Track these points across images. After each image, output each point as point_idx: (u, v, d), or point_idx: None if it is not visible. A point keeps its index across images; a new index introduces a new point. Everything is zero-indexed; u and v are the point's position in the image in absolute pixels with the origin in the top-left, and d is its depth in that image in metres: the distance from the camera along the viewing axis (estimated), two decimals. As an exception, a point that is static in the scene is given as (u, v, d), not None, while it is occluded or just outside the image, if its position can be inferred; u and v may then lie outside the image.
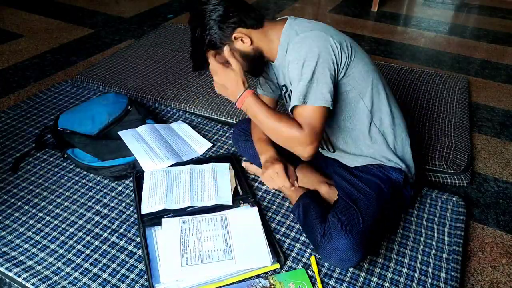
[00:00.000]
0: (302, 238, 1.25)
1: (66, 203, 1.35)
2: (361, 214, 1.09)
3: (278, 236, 1.25)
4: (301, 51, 1.02)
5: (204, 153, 1.59)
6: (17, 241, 1.21)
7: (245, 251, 1.16)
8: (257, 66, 1.17)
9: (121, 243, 1.22)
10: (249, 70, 1.16)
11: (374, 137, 1.17)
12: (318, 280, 1.12)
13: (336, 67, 1.03)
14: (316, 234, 1.12)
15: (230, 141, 1.66)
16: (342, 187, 1.20)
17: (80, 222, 1.29)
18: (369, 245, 1.10)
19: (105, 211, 1.33)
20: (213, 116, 1.82)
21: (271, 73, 1.25)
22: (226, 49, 1.07)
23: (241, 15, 1.07)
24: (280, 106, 1.60)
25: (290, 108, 1.06)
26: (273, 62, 1.16)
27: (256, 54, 1.12)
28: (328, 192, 1.31)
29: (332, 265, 1.15)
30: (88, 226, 1.27)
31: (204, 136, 1.69)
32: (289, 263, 1.17)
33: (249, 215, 1.28)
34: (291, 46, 1.07)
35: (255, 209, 1.29)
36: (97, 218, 1.30)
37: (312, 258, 1.18)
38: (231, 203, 1.32)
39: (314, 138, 1.02)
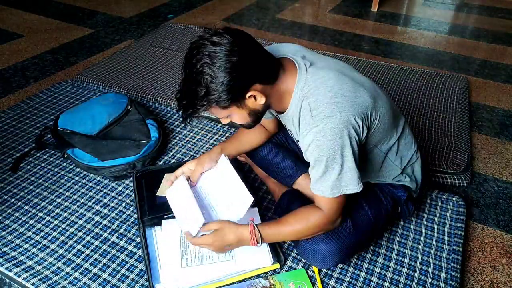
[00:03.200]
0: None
1: (66, 203, 1.35)
2: (352, 224, 1.08)
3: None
4: (323, 147, 0.91)
5: (204, 152, 1.59)
6: (17, 241, 1.21)
7: (246, 251, 1.16)
8: (258, 121, 1.03)
9: (121, 243, 1.22)
10: (248, 125, 1.02)
11: (387, 169, 1.13)
12: (318, 280, 1.12)
13: (359, 143, 0.95)
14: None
15: (230, 141, 1.66)
16: None
17: (80, 222, 1.29)
18: (351, 250, 1.11)
19: (105, 211, 1.33)
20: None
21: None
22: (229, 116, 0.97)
23: (259, 69, 0.90)
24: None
25: (313, 192, 1.00)
26: (280, 113, 1.05)
27: (265, 109, 1.00)
28: None
29: (309, 263, 1.15)
30: (88, 226, 1.27)
31: (203, 136, 1.69)
32: (289, 263, 1.17)
33: (249, 215, 1.27)
34: (305, 122, 0.94)
35: (255, 209, 1.29)
36: (97, 218, 1.30)
37: (312, 258, 1.18)
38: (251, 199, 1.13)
39: (339, 214, 1.02)
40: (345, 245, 1.07)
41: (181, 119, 0.96)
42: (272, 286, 1.09)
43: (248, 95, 0.91)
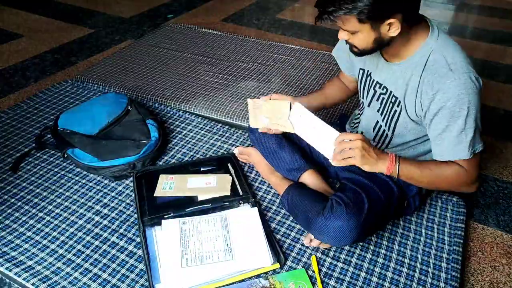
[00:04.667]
0: (302, 238, 1.25)
1: (66, 203, 1.35)
2: (368, 198, 1.10)
3: (278, 236, 1.25)
4: (464, 100, 0.94)
5: (204, 152, 1.59)
6: (17, 241, 1.21)
7: (245, 251, 1.16)
8: (374, 51, 1.02)
9: (121, 243, 1.22)
10: (361, 51, 1.01)
11: (426, 151, 1.16)
12: (318, 280, 1.12)
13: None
14: (313, 211, 1.12)
15: (230, 141, 1.66)
16: (353, 179, 1.20)
17: (80, 222, 1.29)
18: (366, 231, 1.12)
19: (105, 211, 1.33)
20: (213, 116, 1.82)
21: (368, 61, 1.16)
22: None
23: (408, 2, 0.93)
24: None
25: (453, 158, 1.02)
26: (388, 60, 1.07)
27: (387, 43, 0.99)
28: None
29: (324, 242, 1.14)
30: (88, 226, 1.27)
31: (203, 136, 1.69)
32: (289, 263, 1.17)
33: (249, 215, 1.28)
34: (438, 75, 0.97)
35: (255, 209, 1.29)
36: (97, 218, 1.30)
37: (313, 257, 1.18)
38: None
39: (477, 175, 1.04)
40: (363, 222, 1.07)
41: (316, 16, 0.94)
42: (272, 286, 1.09)
43: (388, 21, 0.91)
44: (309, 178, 1.31)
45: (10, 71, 2.17)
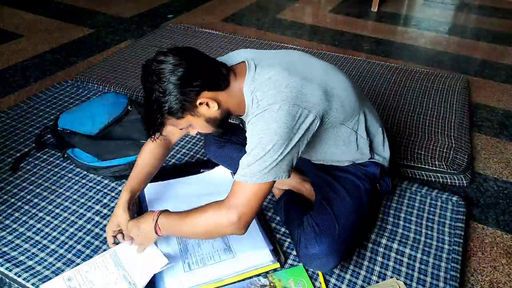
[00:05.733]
0: (302, 238, 1.25)
1: (66, 203, 1.35)
2: (335, 216, 1.08)
3: (278, 236, 1.25)
4: (264, 131, 0.91)
5: (204, 152, 1.59)
6: (17, 241, 1.21)
7: (245, 247, 1.16)
8: (223, 125, 1.04)
9: (121, 243, 1.22)
10: (213, 132, 1.05)
11: (359, 146, 1.14)
12: (321, 277, 1.12)
13: (305, 131, 0.95)
14: (295, 239, 1.11)
15: (230, 141, 1.66)
16: (319, 186, 1.20)
17: (80, 222, 1.29)
18: (347, 245, 1.10)
19: (105, 211, 1.33)
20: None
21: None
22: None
23: (205, 77, 0.94)
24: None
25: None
26: (241, 115, 1.06)
27: (224, 115, 1.01)
28: (310, 191, 1.30)
29: (314, 270, 1.14)
30: (88, 226, 1.27)
31: (203, 136, 1.68)
32: (289, 261, 1.17)
33: None
34: (251, 113, 0.97)
35: None
36: (97, 218, 1.30)
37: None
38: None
39: (244, 208, 0.94)
40: (337, 242, 1.05)
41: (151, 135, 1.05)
42: (271, 284, 1.09)
43: (198, 102, 0.94)
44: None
45: (10, 71, 2.17)
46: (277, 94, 0.93)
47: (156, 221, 1.01)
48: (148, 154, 1.19)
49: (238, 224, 0.94)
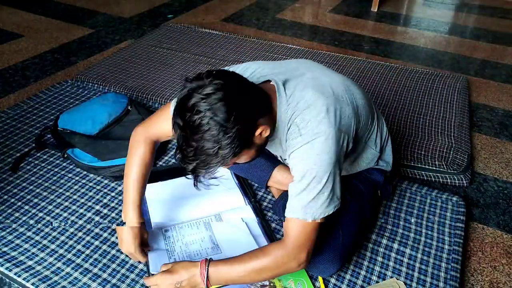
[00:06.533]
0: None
1: (66, 203, 1.35)
2: (340, 224, 1.08)
3: (278, 236, 1.25)
4: (310, 160, 0.88)
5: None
6: (17, 241, 1.21)
7: (233, 245, 1.16)
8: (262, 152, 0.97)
9: (121, 243, 1.22)
10: (251, 160, 0.96)
11: (368, 157, 1.15)
12: (320, 277, 1.12)
13: (344, 154, 0.94)
14: None
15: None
16: None
17: (80, 222, 1.29)
18: (349, 252, 1.11)
19: (105, 211, 1.33)
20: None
21: None
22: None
23: (256, 103, 0.85)
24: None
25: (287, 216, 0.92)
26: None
27: (267, 139, 0.94)
28: None
29: (314, 274, 1.14)
30: (88, 226, 1.27)
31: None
32: (289, 263, 1.17)
33: (240, 215, 1.28)
34: (294, 142, 0.91)
35: (249, 207, 1.30)
36: (97, 218, 1.30)
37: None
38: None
39: (304, 248, 0.92)
40: (343, 250, 1.07)
41: (193, 182, 0.91)
42: (271, 283, 1.09)
43: (257, 133, 0.86)
44: (278, 175, 1.29)
45: (10, 71, 2.17)
46: (321, 121, 0.89)
47: (204, 268, 0.94)
48: (141, 167, 1.08)
49: (307, 262, 0.94)
